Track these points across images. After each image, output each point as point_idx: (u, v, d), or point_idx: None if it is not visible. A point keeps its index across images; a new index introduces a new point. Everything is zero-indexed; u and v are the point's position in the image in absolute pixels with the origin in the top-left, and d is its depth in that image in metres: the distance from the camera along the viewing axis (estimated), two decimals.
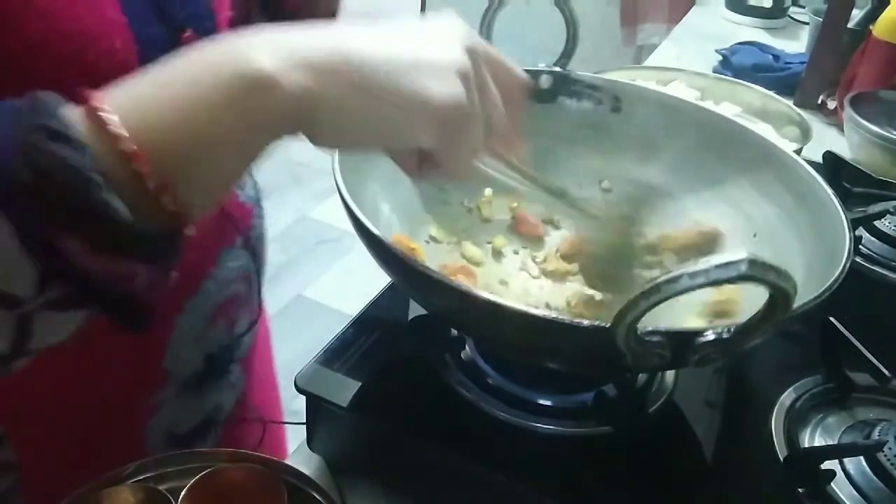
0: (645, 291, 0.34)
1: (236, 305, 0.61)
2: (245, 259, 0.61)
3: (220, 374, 0.62)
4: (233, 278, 0.59)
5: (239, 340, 0.63)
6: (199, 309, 0.57)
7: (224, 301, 0.59)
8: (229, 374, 0.64)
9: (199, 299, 0.56)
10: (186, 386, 0.59)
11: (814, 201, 0.55)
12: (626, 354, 0.38)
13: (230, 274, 0.59)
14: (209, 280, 0.57)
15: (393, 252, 0.44)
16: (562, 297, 0.61)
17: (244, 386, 0.67)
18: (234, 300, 0.60)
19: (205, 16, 0.50)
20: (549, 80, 0.66)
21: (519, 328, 0.41)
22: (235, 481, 0.46)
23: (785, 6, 1.56)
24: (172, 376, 0.57)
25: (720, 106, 0.97)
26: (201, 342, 0.58)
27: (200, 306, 0.57)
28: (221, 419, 0.65)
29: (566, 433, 0.52)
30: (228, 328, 0.61)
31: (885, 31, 1.07)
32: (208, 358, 0.60)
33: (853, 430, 0.54)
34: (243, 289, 0.61)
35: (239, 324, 0.62)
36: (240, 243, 0.60)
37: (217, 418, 0.64)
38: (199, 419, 0.62)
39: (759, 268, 0.33)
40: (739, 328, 0.38)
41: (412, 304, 0.63)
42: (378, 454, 0.56)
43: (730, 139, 0.63)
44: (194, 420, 0.62)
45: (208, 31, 0.50)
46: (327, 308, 2.14)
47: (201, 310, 0.57)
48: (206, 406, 0.62)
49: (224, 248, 0.58)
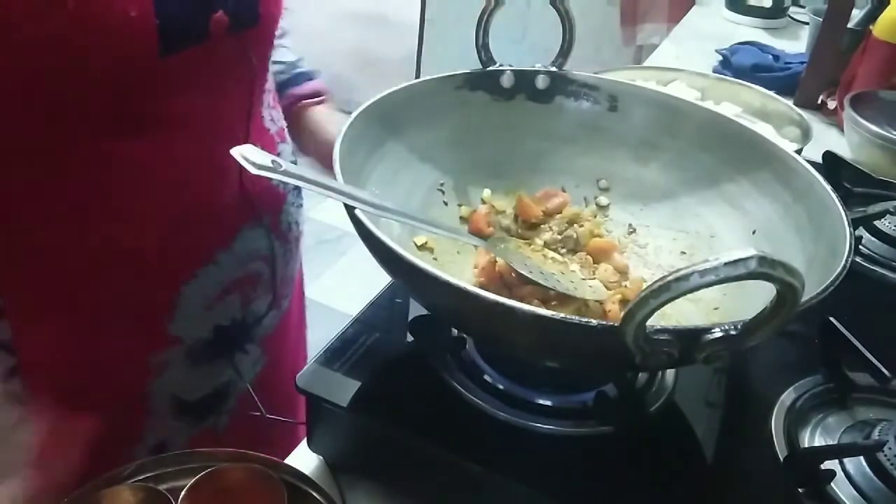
0: (654, 290, 0.34)
1: (254, 284, 0.62)
2: (267, 241, 0.61)
3: (233, 349, 0.63)
4: (252, 257, 0.61)
5: (257, 319, 0.64)
6: (211, 279, 0.58)
7: (240, 277, 0.60)
8: (245, 352, 0.64)
9: (212, 269, 0.58)
10: (193, 353, 0.60)
11: (814, 200, 0.55)
12: (636, 353, 0.38)
13: (249, 252, 0.61)
14: (225, 253, 0.58)
15: (393, 252, 0.44)
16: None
17: (264, 367, 0.68)
18: (252, 279, 0.62)
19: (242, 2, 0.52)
20: (546, 81, 0.66)
21: (525, 328, 0.41)
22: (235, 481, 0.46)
23: (785, 6, 1.56)
24: (178, 339, 0.59)
25: (720, 106, 0.97)
26: (211, 311, 0.60)
27: (213, 276, 0.58)
28: (233, 395, 0.65)
29: (566, 433, 0.52)
30: (243, 305, 0.62)
31: (885, 31, 1.07)
32: (218, 329, 0.61)
33: (853, 430, 0.54)
34: (265, 270, 0.62)
35: (256, 303, 0.63)
36: (265, 224, 0.60)
37: (229, 392, 0.64)
38: (209, 390, 0.63)
39: (769, 264, 0.33)
40: (747, 325, 0.38)
41: (412, 304, 0.63)
42: (378, 454, 0.56)
43: (730, 139, 0.63)
44: (203, 389, 0.63)
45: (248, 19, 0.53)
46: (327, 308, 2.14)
47: (214, 280, 0.58)
48: (216, 378, 0.63)
49: (245, 226, 0.60)
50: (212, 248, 0.58)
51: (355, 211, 0.46)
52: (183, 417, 0.63)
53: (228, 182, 0.57)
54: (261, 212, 0.61)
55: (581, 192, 0.68)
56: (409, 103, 0.62)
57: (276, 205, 0.63)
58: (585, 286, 0.57)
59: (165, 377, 0.59)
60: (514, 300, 0.40)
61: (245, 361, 0.65)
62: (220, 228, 0.58)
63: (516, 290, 0.56)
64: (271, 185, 0.62)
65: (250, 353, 0.65)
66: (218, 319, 0.60)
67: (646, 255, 0.65)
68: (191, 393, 0.62)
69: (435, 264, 0.58)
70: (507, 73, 0.65)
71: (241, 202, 0.59)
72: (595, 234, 0.64)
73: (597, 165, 0.68)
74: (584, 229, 0.63)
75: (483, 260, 0.60)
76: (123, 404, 0.59)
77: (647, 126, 0.66)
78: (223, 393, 0.64)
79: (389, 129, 0.61)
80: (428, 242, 0.62)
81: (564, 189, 0.67)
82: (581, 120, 0.67)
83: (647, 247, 0.65)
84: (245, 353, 0.65)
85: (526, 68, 0.66)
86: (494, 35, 0.62)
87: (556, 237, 0.62)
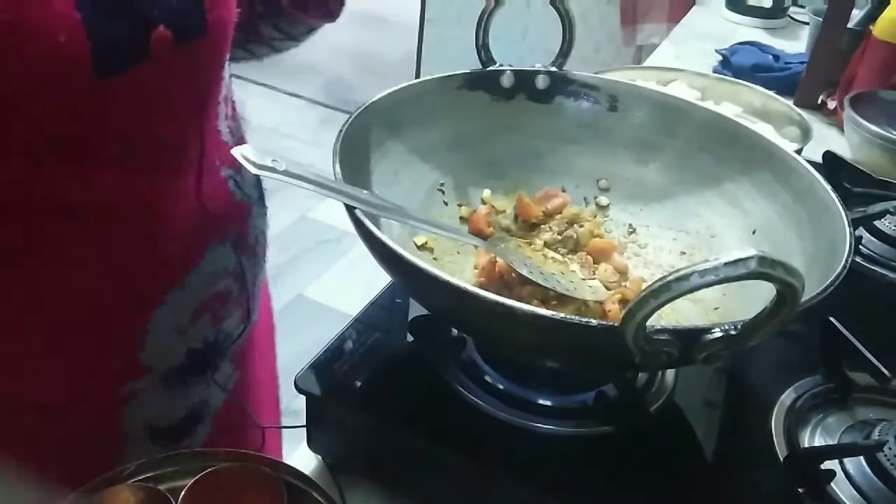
0: (655, 290, 0.34)
1: (224, 302, 0.60)
2: (235, 257, 0.60)
3: (205, 368, 0.62)
4: (221, 275, 0.58)
5: (228, 337, 0.63)
6: (181, 302, 0.56)
7: (210, 297, 0.58)
8: (217, 369, 0.63)
9: (182, 293, 0.55)
10: (166, 378, 0.58)
11: (814, 200, 0.55)
12: (636, 353, 0.38)
13: (218, 270, 0.58)
14: (194, 274, 0.56)
15: (393, 252, 0.44)
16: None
17: (237, 382, 0.67)
18: (222, 297, 0.59)
19: (187, 13, 0.47)
20: (546, 81, 0.66)
21: (525, 328, 0.41)
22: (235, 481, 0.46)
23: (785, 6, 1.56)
24: (150, 368, 0.56)
25: (720, 106, 0.97)
26: (184, 336, 0.58)
27: (183, 299, 0.56)
28: (209, 415, 0.64)
29: (566, 433, 0.52)
30: (215, 324, 0.60)
31: (885, 31, 1.07)
32: (191, 352, 0.59)
33: (853, 430, 0.54)
34: (234, 287, 0.60)
35: (228, 321, 0.61)
36: (231, 240, 0.59)
37: (203, 413, 0.63)
38: (183, 413, 0.61)
39: (769, 264, 0.33)
40: (747, 325, 0.38)
41: (412, 304, 0.63)
42: (378, 454, 0.56)
43: (730, 139, 0.63)
44: (177, 414, 0.61)
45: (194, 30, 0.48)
46: (327, 308, 2.14)
47: (184, 303, 0.56)
48: (190, 400, 0.61)
49: (211, 244, 0.57)
50: (183, 268, 0.55)
51: (355, 211, 0.46)
52: (159, 441, 0.62)
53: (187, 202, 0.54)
54: (224, 229, 0.58)
55: (581, 192, 0.68)
56: (409, 103, 0.62)
57: (241, 218, 0.61)
58: (585, 286, 0.57)
59: (136, 404, 0.57)
60: (514, 300, 0.40)
61: (218, 379, 0.64)
62: (188, 247, 0.55)
63: (516, 290, 0.56)
64: (233, 200, 0.59)
65: (223, 370, 0.64)
66: (191, 343, 0.58)
67: (646, 256, 0.65)
68: (164, 419, 0.61)
69: (435, 264, 0.58)
70: (507, 73, 0.65)
71: (202, 222, 0.56)
72: (595, 234, 0.64)
73: (597, 165, 0.68)
74: (584, 229, 0.63)
75: (483, 260, 0.60)
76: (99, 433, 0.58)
77: (647, 126, 0.66)
78: (197, 414, 0.63)
79: (389, 128, 0.61)
80: (428, 242, 0.62)
81: (564, 189, 0.67)
82: (581, 120, 0.67)
83: (647, 247, 0.65)
84: (217, 370, 0.63)
85: (526, 68, 0.66)
86: (494, 35, 0.62)
87: (556, 237, 0.62)
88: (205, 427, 0.64)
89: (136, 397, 0.57)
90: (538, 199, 0.65)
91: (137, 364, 0.56)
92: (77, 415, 0.56)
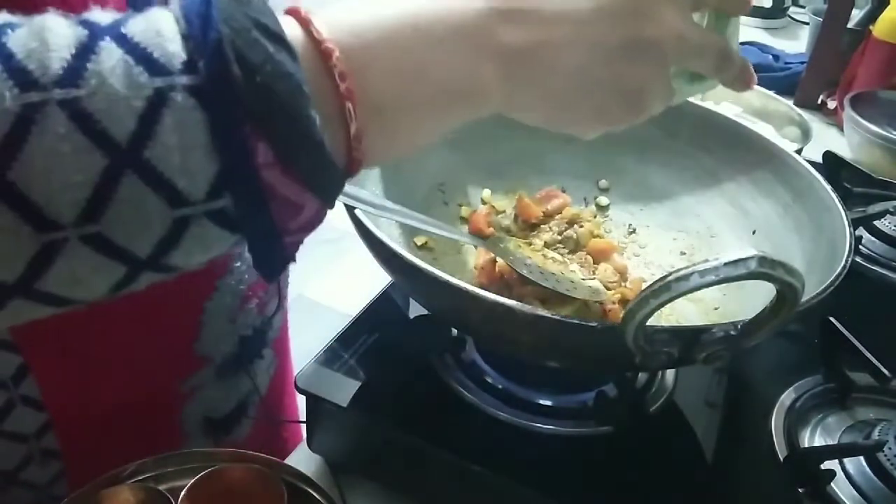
0: (655, 290, 0.34)
1: (265, 287, 0.61)
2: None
3: (253, 356, 0.63)
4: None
5: (268, 324, 0.63)
6: (230, 289, 0.57)
7: (254, 283, 0.59)
8: (262, 357, 0.64)
9: (230, 279, 0.56)
10: (223, 369, 0.59)
11: (814, 200, 0.55)
12: (636, 353, 0.38)
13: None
14: (239, 260, 0.57)
15: (393, 252, 0.44)
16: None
17: (277, 369, 0.67)
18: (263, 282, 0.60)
19: None
20: None
21: (525, 328, 0.41)
22: (235, 481, 0.46)
23: (785, 6, 1.56)
24: (208, 360, 0.57)
25: (720, 106, 0.97)
26: (233, 324, 0.59)
27: (232, 287, 0.57)
28: (253, 405, 0.64)
29: (566, 433, 0.52)
30: (260, 310, 0.61)
31: (885, 31, 1.07)
32: (242, 340, 0.60)
33: (853, 430, 0.54)
34: None
35: (269, 306, 0.62)
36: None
37: (248, 404, 0.64)
38: (235, 403, 0.62)
39: (769, 264, 0.33)
40: (747, 325, 0.38)
41: (412, 304, 0.63)
42: (378, 454, 0.56)
43: (730, 139, 0.63)
44: (231, 404, 0.62)
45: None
46: (327, 308, 2.14)
47: (233, 290, 0.57)
48: (241, 389, 0.62)
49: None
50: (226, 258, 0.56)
51: (355, 211, 0.46)
52: (213, 434, 0.62)
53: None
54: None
55: (581, 193, 0.68)
56: None
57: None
58: (585, 286, 0.57)
59: (197, 399, 0.59)
60: (514, 300, 0.40)
61: (261, 367, 0.65)
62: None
63: (516, 290, 0.56)
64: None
65: (265, 358, 0.65)
66: (241, 330, 0.60)
67: (646, 256, 0.65)
68: (219, 410, 0.62)
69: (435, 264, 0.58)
70: None
71: None
72: (595, 234, 0.63)
73: (597, 165, 0.68)
74: (584, 230, 0.63)
75: (483, 260, 0.60)
76: (161, 433, 0.58)
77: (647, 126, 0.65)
78: (245, 404, 0.64)
79: None
80: (428, 242, 0.62)
81: (564, 189, 0.67)
82: None
83: (647, 247, 0.65)
84: (262, 358, 0.64)
85: None
86: None
87: (556, 237, 0.62)
88: (248, 420, 0.64)
89: (196, 393, 0.58)
90: (538, 200, 0.65)
91: (194, 356, 0.56)
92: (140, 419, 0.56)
